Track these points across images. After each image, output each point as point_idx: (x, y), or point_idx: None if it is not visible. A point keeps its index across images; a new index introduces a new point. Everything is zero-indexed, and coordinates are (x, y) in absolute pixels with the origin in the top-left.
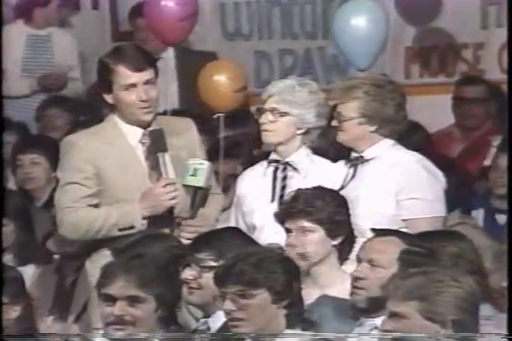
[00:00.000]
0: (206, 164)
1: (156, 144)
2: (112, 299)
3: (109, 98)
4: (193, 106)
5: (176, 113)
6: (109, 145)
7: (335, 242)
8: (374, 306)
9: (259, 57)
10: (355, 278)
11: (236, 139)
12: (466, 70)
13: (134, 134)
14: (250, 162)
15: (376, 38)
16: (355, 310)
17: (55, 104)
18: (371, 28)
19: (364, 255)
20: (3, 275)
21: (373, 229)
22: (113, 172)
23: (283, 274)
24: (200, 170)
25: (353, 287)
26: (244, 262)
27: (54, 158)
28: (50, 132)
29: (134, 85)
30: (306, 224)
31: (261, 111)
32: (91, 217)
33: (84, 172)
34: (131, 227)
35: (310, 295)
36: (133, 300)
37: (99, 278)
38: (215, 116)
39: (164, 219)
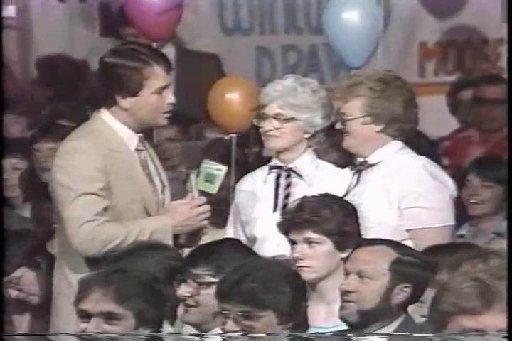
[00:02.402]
0: (224, 170)
1: (189, 160)
2: (87, 315)
3: (126, 102)
4: (190, 109)
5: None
6: (114, 152)
7: (343, 255)
8: (365, 320)
9: (260, 54)
10: (344, 292)
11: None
12: (486, 68)
13: (132, 140)
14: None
15: (371, 34)
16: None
17: (8, 109)
18: (365, 23)
19: (352, 267)
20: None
21: (361, 239)
22: (119, 182)
23: (291, 294)
24: (218, 176)
25: (343, 301)
26: (251, 279)
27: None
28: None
29: (165, 87)
30: (313, 235)
31: (262, 117)
32: (122, 232)
33: (99, 183)
34: None
35: (317, 311)
36: (109, 317)
37: (77, 292)
38: (227, 136)
39: None
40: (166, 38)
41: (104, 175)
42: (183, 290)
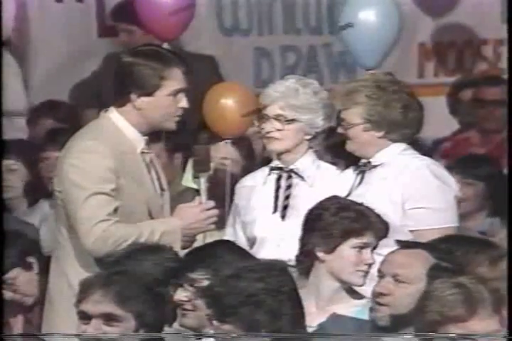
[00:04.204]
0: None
1: (201, 164)
2: (87, 316)
3: (140, 101)
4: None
5: None
6: (123, 153)
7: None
8: (397, 324)
9: (259, 55)
10: (378, 294)
11: None
12: (486, 69)
13: (139, 142)
14: None
15: (387, 34)
16: (375, 329)
17: (49, 113)
18: (381, 23)
19: (388, 269)
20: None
21: (398, 241)
22: (128, 184)
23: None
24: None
25: (375, 303)
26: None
27: (32, 164)
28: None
29: (181, 91)
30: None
31: (263, 118)
32: (134, 233)
33: (111, 183)
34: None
35: (315, 314)
36: (109, 318)
37: (78, 293)
38: (222, 142)
39: None
40: (176, 38)
41: (115, 175)
42: (180, 294)
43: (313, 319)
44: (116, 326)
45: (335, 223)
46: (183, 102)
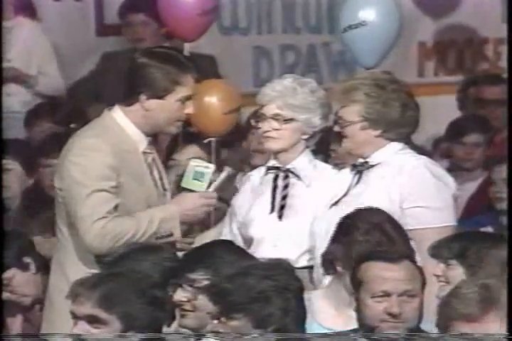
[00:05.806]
0: (212, 168)
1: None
2: (75, 317)
3: (149, 103)
4: None
5: None
6: (125, 151)
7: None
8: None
9: (258, 54)
10: (390, 314)
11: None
12: (486, 68)
13: (141, 142)
14: None
15: (387, 34)
16: None
17: (45, 116)
18: (382, 22)
19: (393, 287)
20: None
21: (377, 253)
22: (128, 182)
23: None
24: (207, 174)
25: (388, 322)
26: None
27: (29, 163)
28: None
29: (190, 98)
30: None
31: (260, 117)
32: (132, 227)
33: (112, 181)
34: (170, 235)
35: (335, 316)
36: (93, 320)
37: (69, 294)
38: (206, 140)
39: None
40: (197, 39)
41: (115, 173)
42: (180, 295)
43: (332, 320)
44: (100, 328)
45: (357, 244)
46: (191, 108)
